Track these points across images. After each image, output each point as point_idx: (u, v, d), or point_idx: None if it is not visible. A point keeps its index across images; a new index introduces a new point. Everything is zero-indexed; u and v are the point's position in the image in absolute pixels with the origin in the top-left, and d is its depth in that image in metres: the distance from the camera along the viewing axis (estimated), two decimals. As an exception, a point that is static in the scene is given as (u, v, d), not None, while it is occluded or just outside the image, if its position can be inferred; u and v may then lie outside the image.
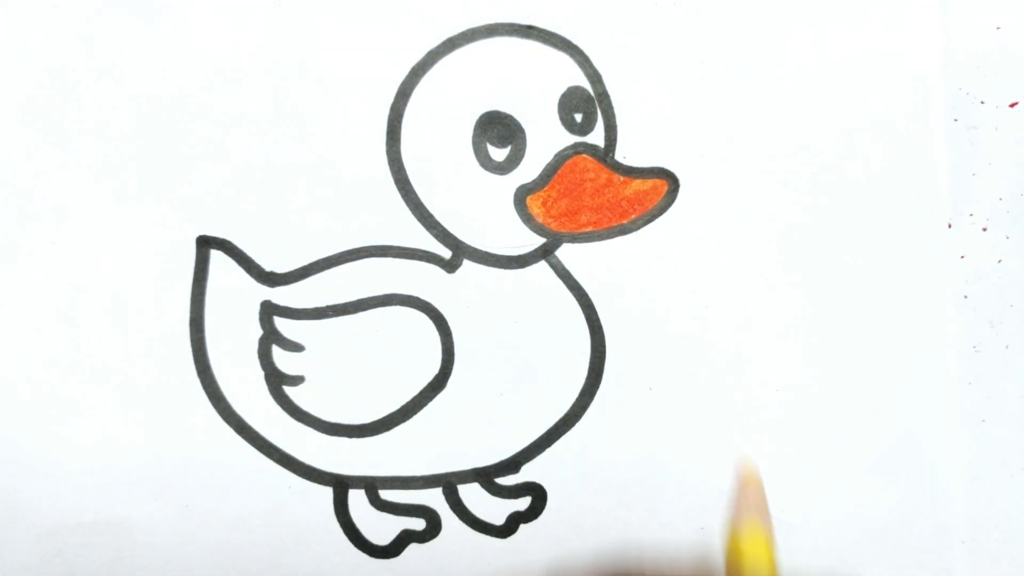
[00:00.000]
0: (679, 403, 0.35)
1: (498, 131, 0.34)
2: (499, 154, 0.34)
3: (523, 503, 0.35)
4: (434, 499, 0.35)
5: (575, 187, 0.35)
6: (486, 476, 0.35)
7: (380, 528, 0.35)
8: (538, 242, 0.35)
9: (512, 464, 0.35)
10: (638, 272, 0.35)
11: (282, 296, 0.34)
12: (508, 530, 0.35)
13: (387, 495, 0.35)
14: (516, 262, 0.35)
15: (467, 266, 0.35)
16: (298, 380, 0.34)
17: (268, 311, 0.34)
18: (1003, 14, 0.35)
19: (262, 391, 0.34)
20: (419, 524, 0.35)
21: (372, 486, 0.35)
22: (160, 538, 0.33)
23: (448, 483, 0.35)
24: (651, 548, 0.35)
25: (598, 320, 0.35)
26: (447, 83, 0.34)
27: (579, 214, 0.35)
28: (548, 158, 0.34)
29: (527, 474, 0.35)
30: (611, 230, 0.35)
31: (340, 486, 0.35)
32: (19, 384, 0.33)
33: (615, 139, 0.35)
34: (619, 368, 0.35)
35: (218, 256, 0.34)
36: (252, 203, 0.34)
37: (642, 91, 0.35)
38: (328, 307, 0.34)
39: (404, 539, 0.35)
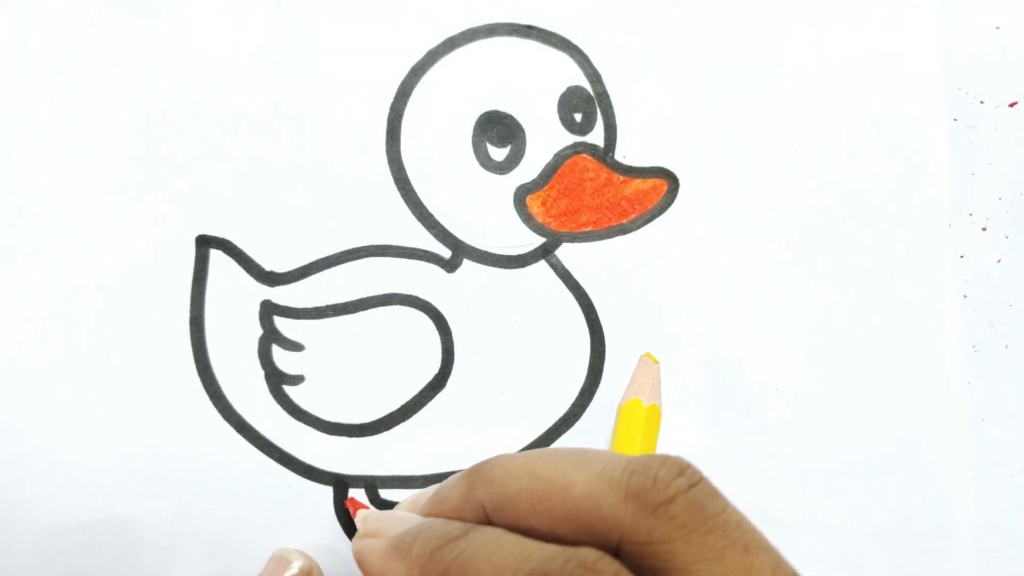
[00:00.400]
0: (678, 403, 0.35)
1: (498, 131, 0.34)
2: (499, 154, 0.34)
3: (523, 503, 0.35)
4: (434, 499, 0.35)
5: (575, 187, 0.35)
6: (486, 476, 0.35)
7: (380, 528, 0.35)
8: (538, 242, 0.35)
9: (512, 464, 0.35)
10: (638, 272, 0.35)
11: (282, 295, 0.34)
12: (508, 530, 0.35)
13: (387, 494, 0.35)
14: (516, 262, 0.35)
15: (467, 266, 0.35)
16: (298, 379, 0.34)
17: (268, 310, 0.34)
18: (1003, 14, 0.35)
19: (262, 390, 0.34)
20: (419, 524, 0.35)
21: (372, 485, 0.35)
22: (160, 537, 0.33)
23: (448, 483, 0.35)
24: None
25: (598, 320, 0.35)
26: (447, 83, 0.34)
27: (579, 214, 0.35)
28: (548, 158, 0.34)
29: (527, 474, 0.35)
30: (611, 230, 0.35)
31: (340, 485, 0.35)
32: (19, 384, 0.33)
33: (615, 139, 0.35)
34: (619, 368, 0.35)
35: (218, 256, 0.34)
36: (252, 203, 0.34)
37: (642, 91, 0.35)
38: (328, 306, 0.34)
39: (404, 539, 0.35)
